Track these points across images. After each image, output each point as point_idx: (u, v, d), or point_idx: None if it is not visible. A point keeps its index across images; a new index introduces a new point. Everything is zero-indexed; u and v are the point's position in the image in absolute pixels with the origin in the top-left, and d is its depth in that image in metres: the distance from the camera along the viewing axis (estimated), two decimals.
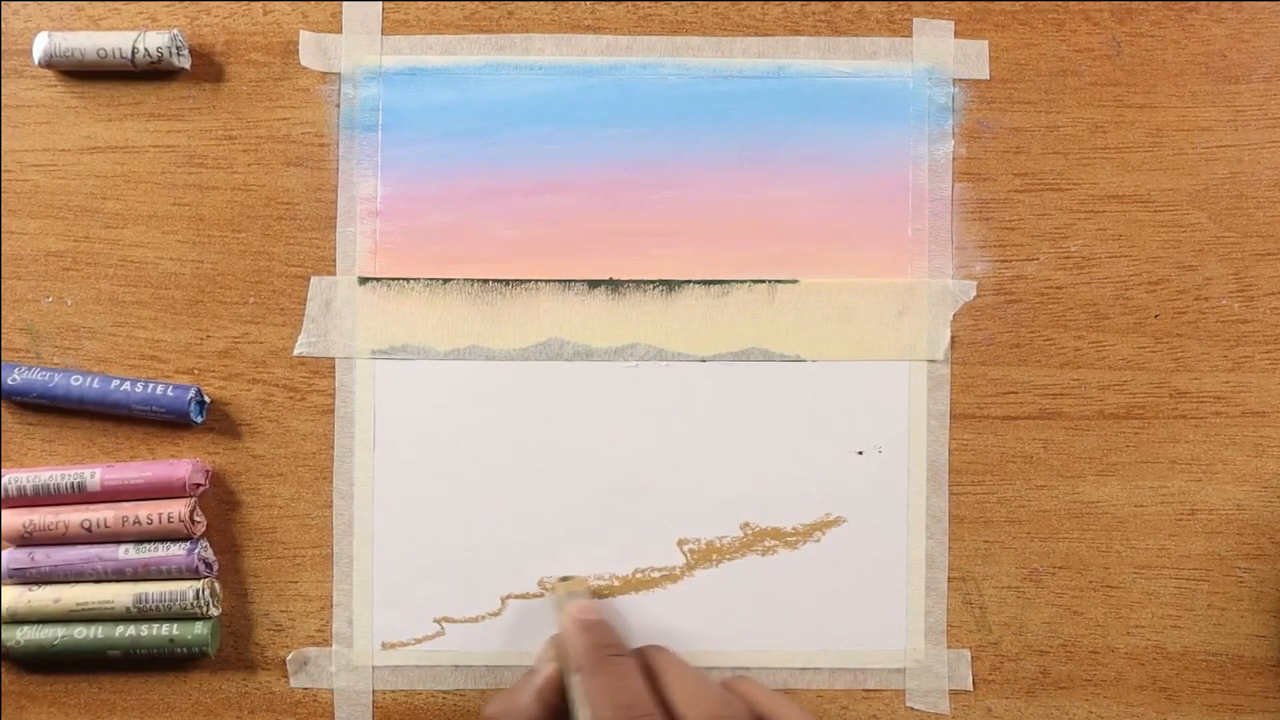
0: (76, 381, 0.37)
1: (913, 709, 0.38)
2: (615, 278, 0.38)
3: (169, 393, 0.37)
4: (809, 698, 0.38)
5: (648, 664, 0.35)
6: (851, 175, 0.39)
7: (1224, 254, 0.39)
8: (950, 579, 0.38)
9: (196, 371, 0.38)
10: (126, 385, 0.37)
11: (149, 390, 0.37)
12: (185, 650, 0.37)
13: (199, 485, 0.37)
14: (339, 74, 0.39)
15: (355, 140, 0.38)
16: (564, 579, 0.38)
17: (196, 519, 0.37)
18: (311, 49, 0.39)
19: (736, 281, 0.38)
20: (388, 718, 0.38)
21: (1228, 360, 0.39)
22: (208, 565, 0.37)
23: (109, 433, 0.38)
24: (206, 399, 0.38)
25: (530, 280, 0.38)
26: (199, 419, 0.38)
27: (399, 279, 0.38)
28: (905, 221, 0.39)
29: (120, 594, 0.37)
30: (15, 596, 0.37)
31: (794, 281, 0.38)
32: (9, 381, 0.37)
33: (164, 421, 0.38)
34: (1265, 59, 0.39)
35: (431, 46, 0.39)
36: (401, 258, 0.38)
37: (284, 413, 0.38)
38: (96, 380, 0.37)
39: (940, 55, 0.39)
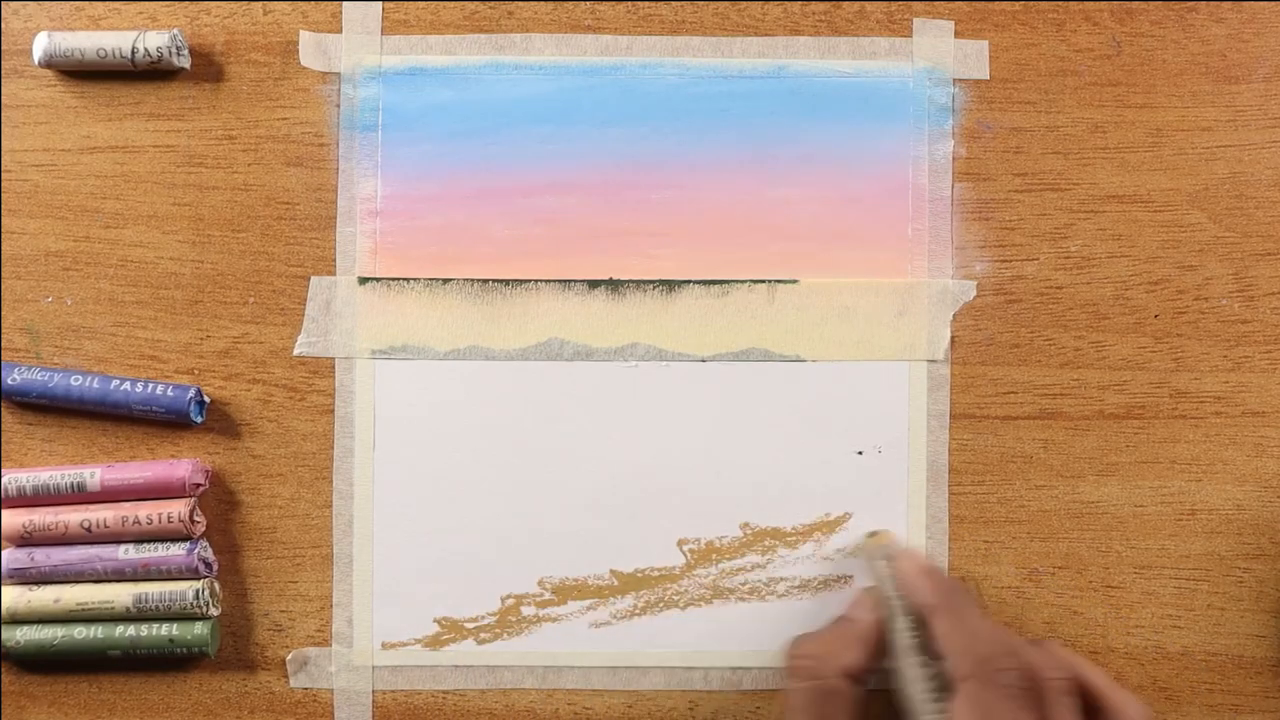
0: (76, 381, 0.37)
1: None
2: (615, 278, 0.38)
3: (169, 393, 0.37)
4: None
5: None
6: (851, 175, 0.39)
7: (1224, 254, 0.39)
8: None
9: (196, 371, 0.38)
10: (126, 385, 0.37)
11: (149, 390, 0.37)
12: (185, 650, 0.37)
13: (199, 485, 0.37)
14: (339, 74, 0.39)
15: (355, 140, 0.38)
16: (871, 534, 0.38)
17: (196, 519, 0.37)
18: (311, 49, 0.39)
19: (736, 281, 0.38)
20: (388, 718, 0.38)
21: (1228, 360, 0.39)
22: (207, 565, 0.37)
23: (109, 433, 0.38)
24: (206, 399, 0.38)
25: (530, 280, 0.38)
26: (199, 419, 0.38)
27: (399, 279, 0.38)
28: (905, 221, 0.39)
29: (120, 594, 0.37)
30: (15, 596, 0.37)
31: (794, 281, 0.38)
32: (9, 381, 0.37)
33: (164, 421, 0.38)
34: (1265, 59, 0.39)
35: (431, 46, 0.39)
36: (401, 258, 0.38)
37: (284, 413, 0.38)
38: (96, 380, 0.37)
39: (940, 55, 0.39)
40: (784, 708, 0.33)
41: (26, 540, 0.37)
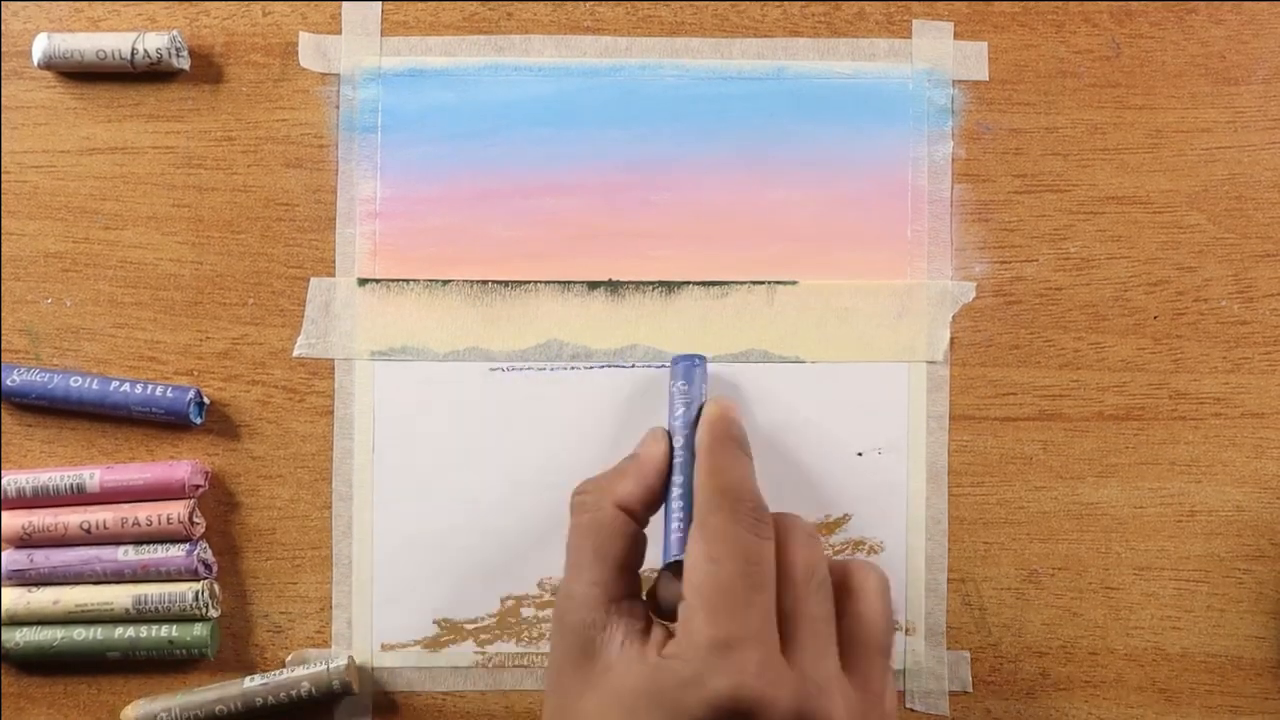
0: (76, 383, 0.37)
1: (913, 710, 0.38)
2: (615, 278, 0.38)
3: (168, 394, 0.37)
4: None
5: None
6: (851, 177, 0.39)
7: (1223, 255, 0.39)
8: (950, 580, 0.38)
9: (196, 372, 0.38)
10: (126, 386, 0.37)
11: (148, 391, 0.37)
12: (185, 652, 0.37)
13: (198, 487, 0.37)
14: (338, 75, 0.39)
15: (355, 141, 0.38)
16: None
17: (196, 520, 0.37)
18: (311, 50, 0.39)
19: (736, 282, 0.38)
20: (388, 718, 0.38)
21: (1227, 361, 0.39)
22: (207, 567, 0.37)
23: (108, 434, 0.38)
24: (206, 400, 0.38)
25: (530, 281, 0.38)
26: (198, 420, 0.38)
27: (398, 280, 0.38)
28: (905, 223, 0.39)
29: (119, 595, 0.37)
30: (15, 598, 0.37)
31: (793, 283, 0.38)
32: (8, 382, 0.37)
33: (163, 422, 0.38)
34: (1265, 60, 0.39)
35: (431, 48, 0.39)
36: (401, 259, 0.38)
37: (283, 414, 0.38)
38: (96, 381, 0.37)
39: (940, 57, 0.39)
40: (566, 546, 0.32)
41: (26, 541, 0.37)
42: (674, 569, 0.31)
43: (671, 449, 0.33)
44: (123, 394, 0.37)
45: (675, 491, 0.32)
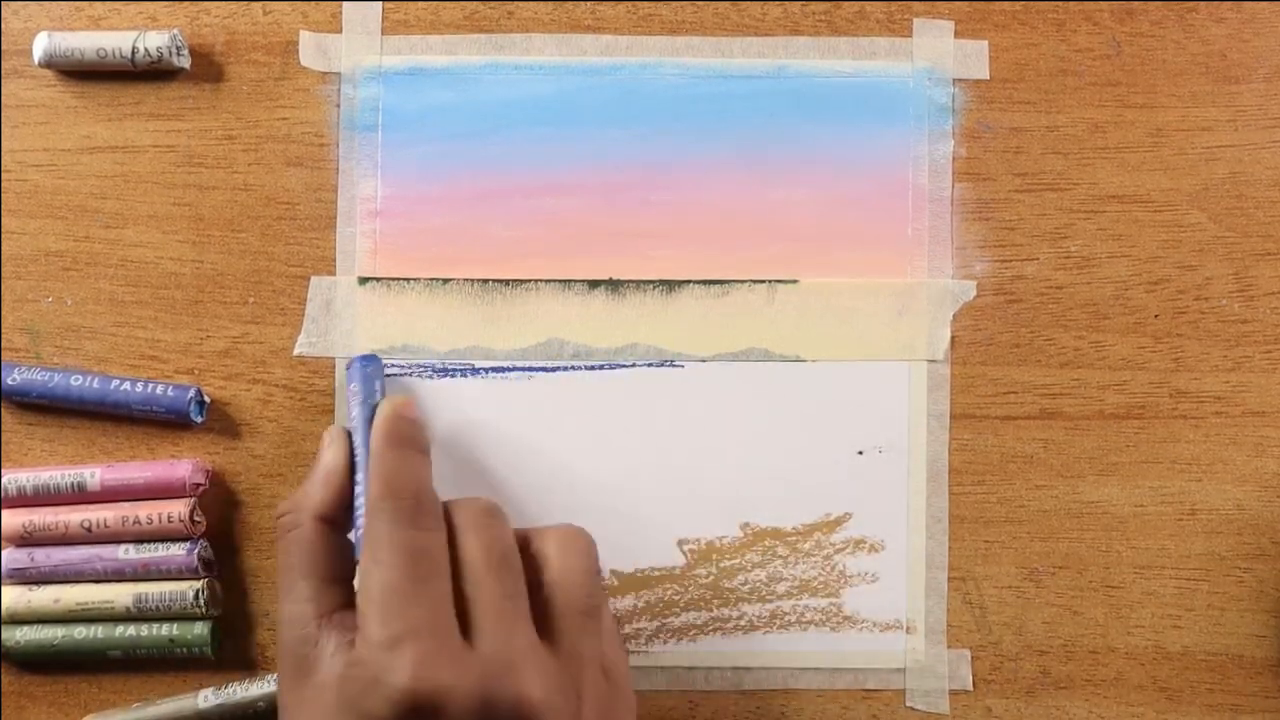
0: (76, 381, 0.37)
1: (913, 709, 0.38)
2: (615, 278, 0.38)
3: (169, 393, 0.37)
4: (809, 698, 0.38)
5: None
6: (851, 175, 0.39)
7: (1224, 254, 0.39)
8: (950, 579, 0.38)
9: (196, 371, 0.38)
10: (126, 385, 0.37)
11: (149, 390, 0.37)
12: (185, 650, 0.37)
13: (199, 485, 0.37)
14: (339, 74, 0.39)
15: (355, 140, 0.38)
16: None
17: (196, 519, 0.37)
18: (311, 49, 0.39)
19: (736, 281, 0.38)
20: None
21: (1228, 360, 0.39)
22: (208, 565, 0.37)
23: (109, 433, 0.38)
24: (206, 399, 0.38)
25: (530, 280, 0.38)
26: (199, 419, 0.38)
27: (399, 279, 0.38)
28: (905, 222, 0.39)
29: (120, 594, 0.37)
30: (15, 597, 0.37)
31: (794, 282, 0.38)
32: (9, 381, 0.37)
33: (164, 421, 0.38)
34: (1265, 59, 0.39)
35: (431, 46, 0.39)
36: (401, 258, 0.38)
37: (284, 413, 0.38)
38: (96, 380, 0.37)
39: (940, 55, 0.39)
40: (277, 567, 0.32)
41: (26, 540, 0.37)
42: None
43: (352, 450, 0.34)
44: (123, 393, 0.37)
45: (357, 490, 0.32)
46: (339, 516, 0.32)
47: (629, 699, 0.32)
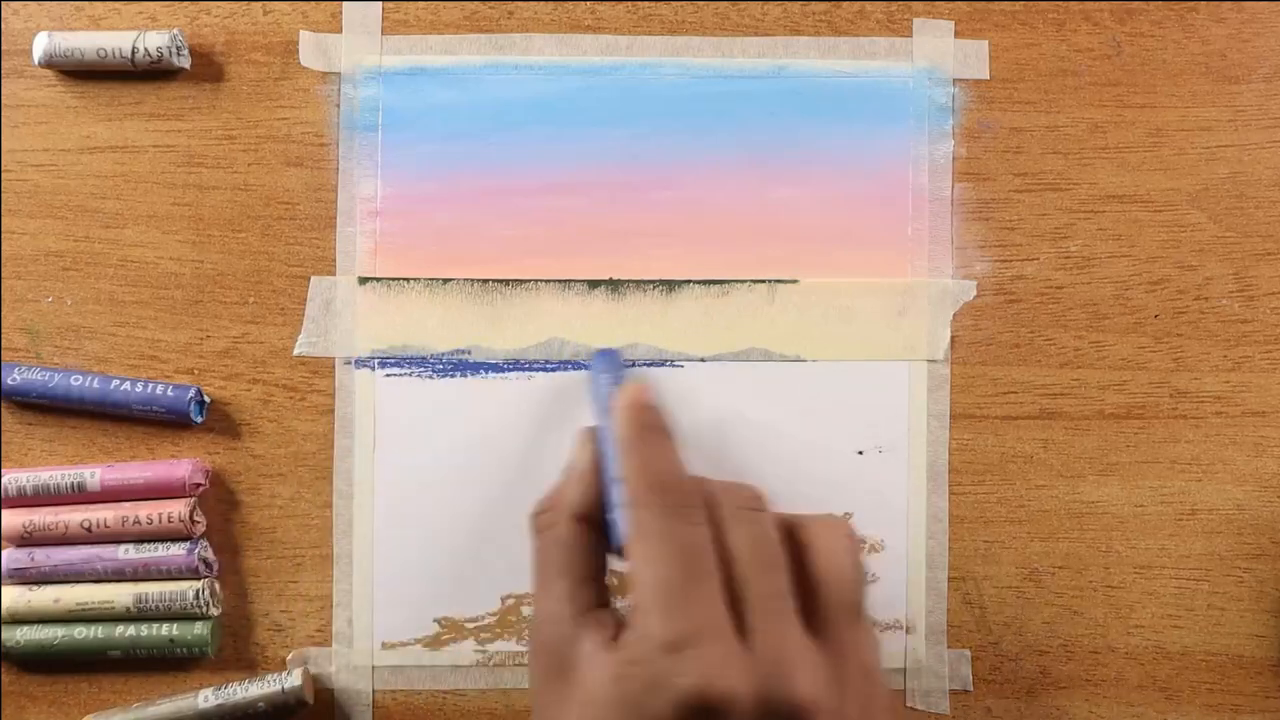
0: (76, 381, 0.37)
1: (913, 709, 0.38)
2: (615, 278, 0.38)
3: (169, 393, 0.37)
4: None
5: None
6: (851, 175, 0.39)
7: (1224, 254, 0.39)
8: (950, 579, 0.38)
9: (196, 371, 0.38)
10: (126, 385, 0.37)
11: (149, 390, 0.37)
12: (185, 650, 0.37)
13: (199, 485, 0.37)
14: (339, 74, 0.39)
15: (355, 140, 0.38)
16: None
17: (196, 519, 0.37)
18: (311, 49, 0.39)
19: (736, 281, 0.38)
20: (388, 718, 0.38)
21: (1228, 360, 0.39)
22: (208, 565, 0.37)
23: (109, 433, 0.38)
24: (206, 399, 0.38)
25: (530, 280, 0.38)
26: (199, 419, 0.38)
27: (399, 279, 0.38)
28: (905, 221, 0.39)
29: (120, 594, 0.37)
30: (15, 596, 0.37)
31: (794, 281, 0.38)
32: (9, 381, 0.37)
33: (164, 421, 0.38)
34: (1265, 59, 0.39)
35: (431, 46, 0.39)
36: (401, 258, 0.38)
37: (284, 413, 0.38)
38: (96, 380, 0.37)
39: (940, 55, 0.39)
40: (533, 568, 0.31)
41: (26, 540, 0.37)
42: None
43: (600, 444, 0.33)
44: (123, 393, 0.37)
45: (608, 483, 0.31)
46: (594, 515, 0.31)
47: (888, 699, 0.31)
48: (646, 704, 0.27)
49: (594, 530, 0.31)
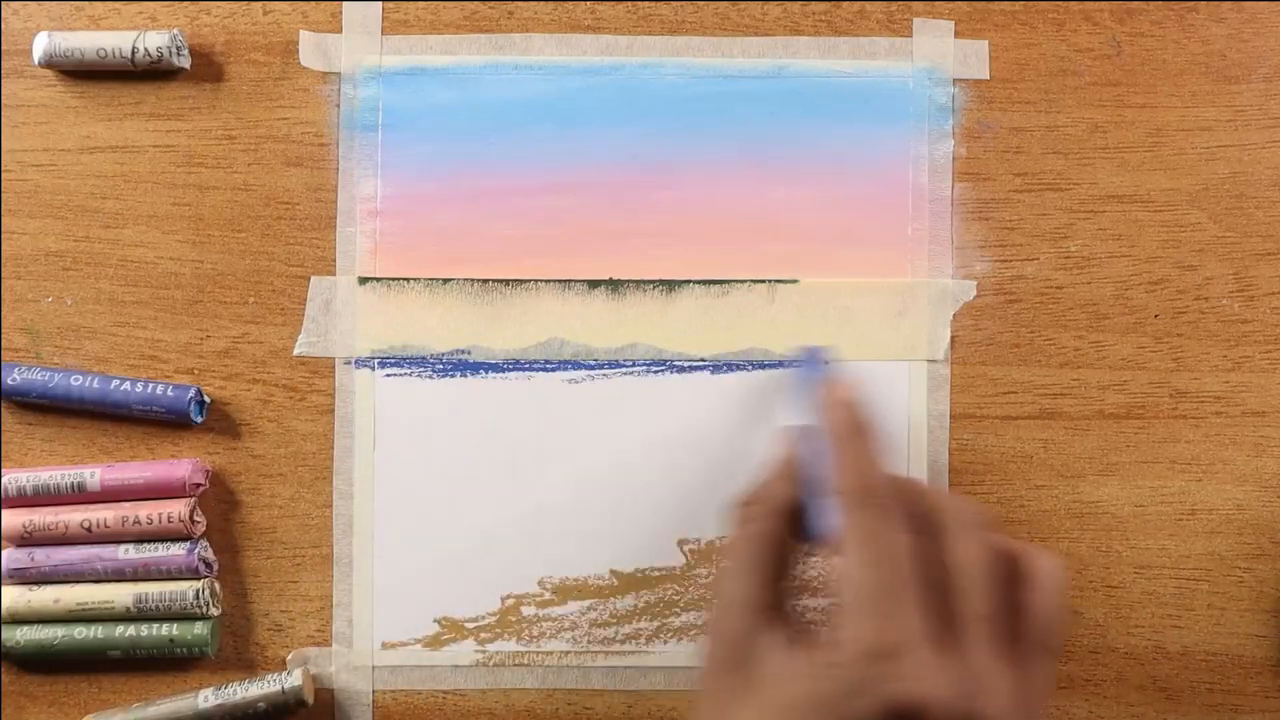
0: (76, 381, 0.37)
1: None
2: (615, 278, 0.38)
3: (169, 393, 0.37)
4: None
5: None
6: (851, 175, 0.39)
7: (1224, 254, 0.39)
8: None
9: (196, 371, 0.38)
10: (126, 385, 0.37)
11: (149, 390, 0.37)
12: (185, 650, 0.37)
13: (199, 485, 0.37)
14: (339, 74, 0.39)
15: (355, 140, 0.38)
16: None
17: (196, 519, 0.37)
18: (311, 49, 0.39)
19: (736, 281, 0.38)
20: (388, 718, 0.38)
21: (1228, 360, 0.39)
22: (208, 565, 0.37)
23: (109, 433, 0.38)
24: (206, 399, 0.38)
25: (530, 280, 0.38)
26: (199, 419, 0.38)
27: (399, 279, 0.38)
28: (905, 221, 0.39)
29: (120, 594, 0.37)
30: (15, 596, 0.37)
31: (794, 281, 0.38)
32: (9, 381, 0.37)
33: (164, 421, 0.38)
34: (1265, 59, 0.39)
35: (431, 46, 0.39)
36: (401, 258, 0.38)
37: (284, 413, 0.38)
38: (96, 380, 0.37)
39: (940, 55, 0.39)
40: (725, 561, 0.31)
41: (26, 540, 0.37)
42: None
43: (805, 442, 0.33)
44: (123, 393, 0.37)
45: (814, 483, 0.31)
46: (795, 512, 0.31)
47: None
48: (846, 708, 0.27)
49: (792, 528, 0.31)
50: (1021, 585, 0.29)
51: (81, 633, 0.37)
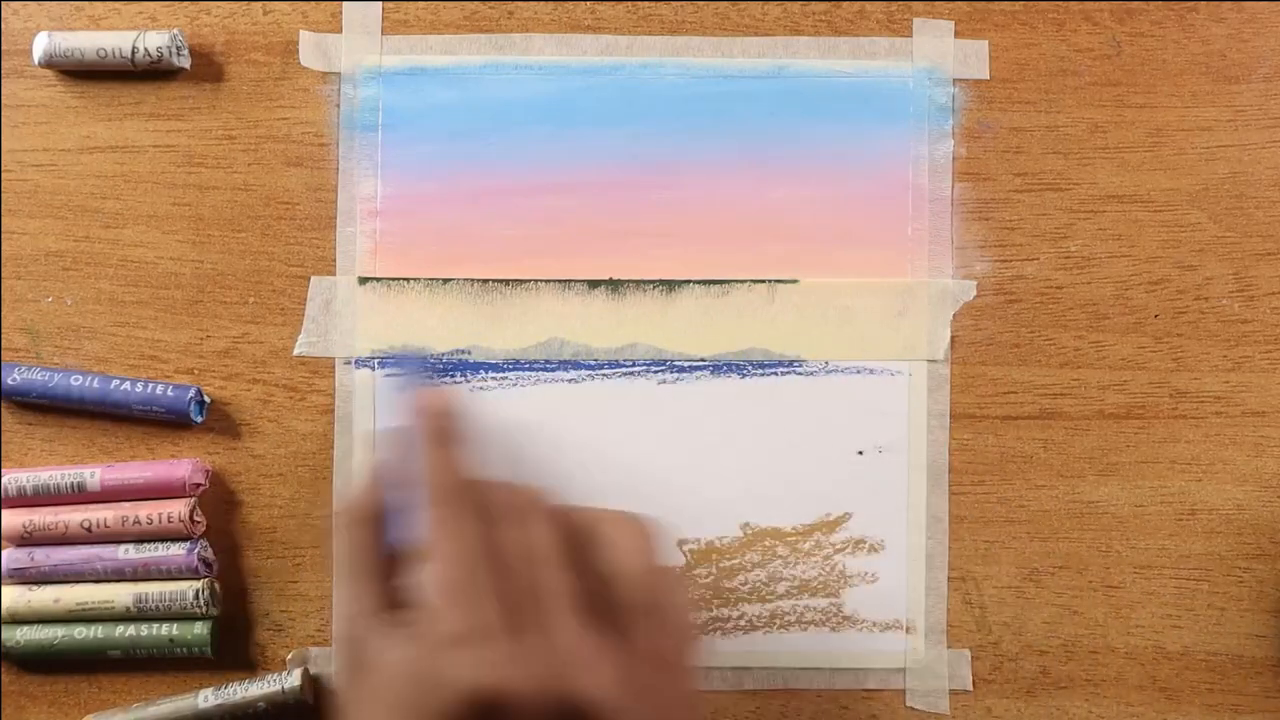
0: (76, 381, 0.37)
1: (913, 709, 0.38)
2: (615, 278, 0.38)
3: (169, 393, 0.37)
4: (809, 698, 0.38)
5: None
6: (851, 175, 0.39)
7: (1224, 254, 0.39)
8: (950, 579, 0.38)
9: (196, 371, 0.38)
10: (126, 385, 0.37)
11: (149, 390, 0.37)
12: (185, 650, 0.37)
13: (199, 485, 0.37)
14: (339, 74, 0.39)
15: (355, 140, 0.38)
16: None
17: (196, 519, 0.37)
18: (311, 49, 0.39)
19: (736, 281, 0.38)
20: None
21: (1228, 360, 0.39)
22: (207, 565, 0.37)
23: (109, 433, 0.38)
24: (207, 399, 0.38)
25: (530, 280, 0.38)
26: (199, 419, 0.38)
27: (399, 279, 0.38)
28: (905, 221, 0.39)
29: (120, 594, 0.37)
30: (15, 596, 0.37)
31: (794, 281, 0.38)
32: (9, 381, 0.37)
33: (164, 421, 0.38)
34: (1265, 59, 0.39)
35: (431, 46, 0.39)
36: (401, 258, 0.38)
37: (284, 413, 0.38)
38: (96, 380, 0.37)
39: (940, 55, 0.39)
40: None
41: (26, 540, 0.37)
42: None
43: (397, 446, 0.34)
44: (123, 393, 0.37)
45: (405, 488, 0.32)
46: (389, 516, 0.32)
47: (688, 695, 0.31)
48: (427, 703, 0.27)
49: (388, 531, 0.32)
50: (602, 554, 0.30)
51: (81, 633, 0.37)
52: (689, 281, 0.38)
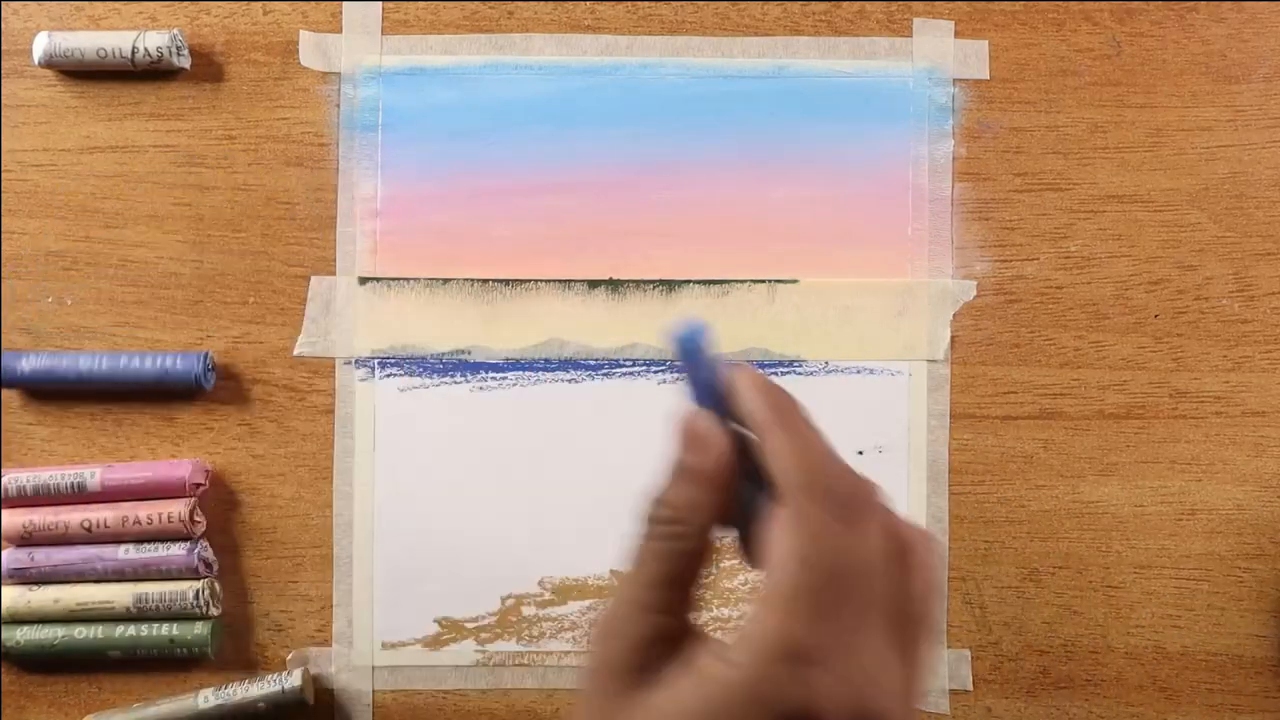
0: (86, 363, 0.37)
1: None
2: (615, 278, 0.38)
3: (178, 364, 0.37)
4: None
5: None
6: (852, 175, 0.39)
7: (1224, 254, 0.39)
8: (950, 579, 0.38)
9: None
10: (136, 360, 0.37)
11: (159, 363, 0.37)
12: (185, 650, 0.37)
13: (199, 485, 0.37)
14: (339, 74, 0.39)
15: (355, 140, 0.38)
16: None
17: (196, 519, 0.37)
18: (311, 49, 0.39)
19: (736, 281, 0.38)
20: (388, 718, 0.38)
21: (1228, 360, 0.39)
22: (208, 565, 0.37)
23: (109, 433, 0.38)
24: (213, 364, 0.38)
25: (530, 280, 0.38)
26: (209, 385, 0.38)
27: (399, 279, 0.38)
28: (905, 221, 0.39)
29: (120, 594, 0.37)
30: (15, 596, 0.37)
31: (794, 281, 0.38)
32: (20, 367, 0.37)
33: (167, 414, 0.38)
34: (1265, 59, 0.39)
35: (431, 46, 0.39)
36: (401, 258, 0.38)
37: (284, 413, 0.38)
38: (105, 359, 0.37)
39: (940, 55, 0.39)
40: (629, 561, 0.27)
41: (26, 540, 0.37)
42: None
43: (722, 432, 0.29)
44: (134, 369, 0.37)
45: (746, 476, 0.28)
46: (722, 522, 0.28)
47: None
48: (745, 712, 0.24)
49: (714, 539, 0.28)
50: (908, 571, 0.27)
51: (81, 633, 0.37)
52: (689, 281, 0.38)
